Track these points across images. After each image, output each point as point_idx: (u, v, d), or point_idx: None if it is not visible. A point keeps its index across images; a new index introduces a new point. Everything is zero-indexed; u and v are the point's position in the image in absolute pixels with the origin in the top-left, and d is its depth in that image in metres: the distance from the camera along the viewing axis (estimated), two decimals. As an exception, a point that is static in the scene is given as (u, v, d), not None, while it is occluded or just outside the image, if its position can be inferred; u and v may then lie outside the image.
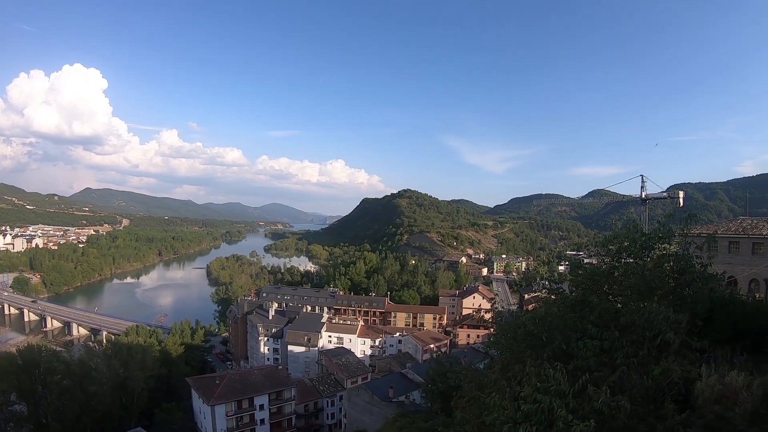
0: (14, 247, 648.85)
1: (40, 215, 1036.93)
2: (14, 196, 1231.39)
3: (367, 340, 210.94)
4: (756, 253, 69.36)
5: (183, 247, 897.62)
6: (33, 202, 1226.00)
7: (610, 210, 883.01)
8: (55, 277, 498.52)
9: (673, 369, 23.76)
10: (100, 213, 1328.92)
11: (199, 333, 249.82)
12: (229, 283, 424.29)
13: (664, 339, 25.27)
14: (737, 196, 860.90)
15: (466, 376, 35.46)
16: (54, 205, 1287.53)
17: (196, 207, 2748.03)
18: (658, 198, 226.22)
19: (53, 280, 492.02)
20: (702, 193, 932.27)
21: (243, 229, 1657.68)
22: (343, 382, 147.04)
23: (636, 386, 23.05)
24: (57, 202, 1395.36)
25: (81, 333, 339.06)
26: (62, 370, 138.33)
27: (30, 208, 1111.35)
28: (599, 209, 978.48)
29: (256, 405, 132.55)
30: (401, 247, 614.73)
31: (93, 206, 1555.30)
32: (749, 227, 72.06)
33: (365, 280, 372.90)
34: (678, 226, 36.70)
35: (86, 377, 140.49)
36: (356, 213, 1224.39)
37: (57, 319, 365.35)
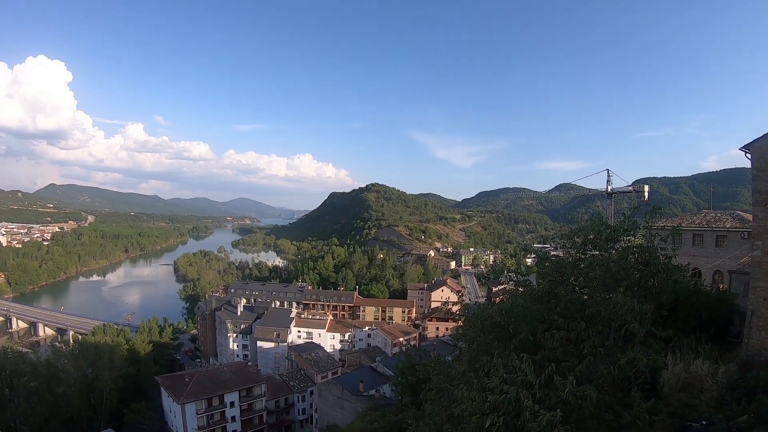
0: None
1: (3, 212, 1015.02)
2: None
3: (337, 335, 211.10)
4: (719, 246, 70.63)
5: (150, 244, 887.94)
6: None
7: (576, 204, 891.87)
8: (20, 276, 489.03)
9: (639, 358, 24.15)
10: (65, 209, 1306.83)
11: (167, 331, 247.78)
12: (196, 280, 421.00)
13: (629, 329, 25.57)
14: (701, 191, 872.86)
15: (435, 368, 35.61)
16: (17, 202, 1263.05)
17: (163, 203, 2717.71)
18: (623, 192, 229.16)
19: (18, 280, 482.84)
20: (667, 187, 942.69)
21: (210, 224, 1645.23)
22: (313, 377, 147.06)
23: (602, 376, 23.33)
24: (20, 198, 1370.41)
25: (47, 333, 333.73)
26: (29, 372, 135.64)
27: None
28: (566, 203, 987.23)
29: (227, 402, 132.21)
30: (369, 241, 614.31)
31: (58, 202, 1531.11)
32: (713, 220, 73.34)
33: (334, 275, 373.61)
34: (643, 219, 37.19)
35: (53, 378, 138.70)
36: (324, 207, 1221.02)
37: (22, 320, 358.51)
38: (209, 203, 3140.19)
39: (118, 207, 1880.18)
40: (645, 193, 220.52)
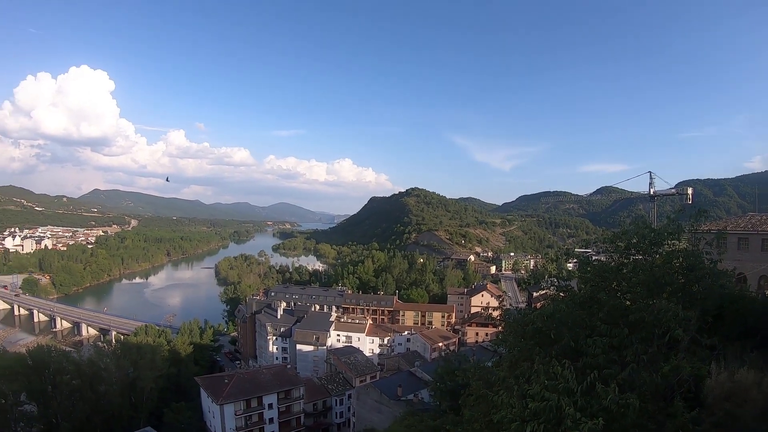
0: (23, 248, 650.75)
1: (49, 217, 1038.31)
2: (23, 198, 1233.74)
3: (376, 339, 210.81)
4: (765, 250, 68.88)
5: (191, 247, 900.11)
6: (42, 204, 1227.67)
7: (618, 207, 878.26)
8: (65, 277, 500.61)
9: (682, 366, 23.55)
10: (109, 214, 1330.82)
11: (207, 332, 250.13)
12: (237, 283, 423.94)
13: (673, 336, 25.03)
14: (746, 192, 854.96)
15: (475, 374, 35.24)
16: (63, 207, 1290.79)
17: (204, 207, 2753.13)
18: (666, 195, 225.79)
19: (62, 281, 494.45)
20: (711, 189, 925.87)
21: (251, 228, 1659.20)
22: (351, 381, 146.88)
23: (645, 384, 22.84)
24: (66, 203, 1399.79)
25: (90, 333, 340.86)
26: (72, 371, 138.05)
27: (39, 210, 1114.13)
28: (607, 206, 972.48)
29: (265, 404, 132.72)
30: (409, 246, 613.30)
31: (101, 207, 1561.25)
32: (758, 223, 71.58)
33: (374, 279, 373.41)
34: (687, 222, 36.42)
35: (96, 377, 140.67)
36: (364, 212, 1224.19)
37: (66, 320, 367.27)
38: (250, 208, 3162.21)
39: (160, 211, 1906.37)
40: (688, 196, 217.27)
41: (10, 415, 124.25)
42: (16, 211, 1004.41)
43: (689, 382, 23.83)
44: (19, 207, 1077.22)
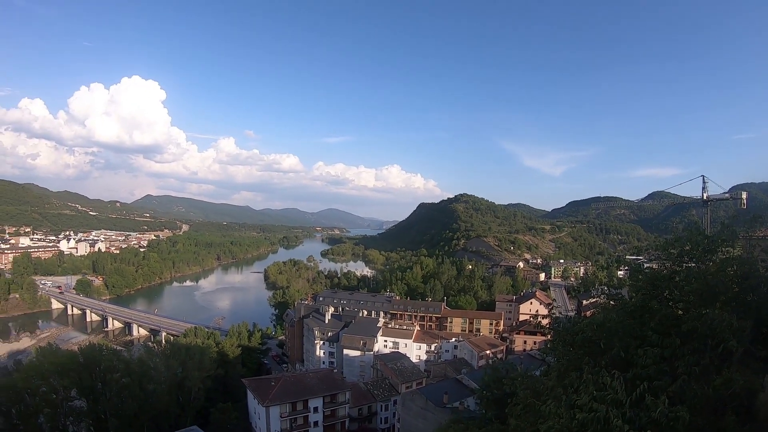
0: (78, 251, 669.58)
1: (103, 221, 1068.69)
2: (78, 203, 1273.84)
3: (423, 345, 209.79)
4: (825, 258, 66.65)
5: (241, 252, 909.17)
6: (96, 209, 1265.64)
7: (670, 212, 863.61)
8: (117, 279, 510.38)
9: (735, 379, 22.92)
10: (161, 219, 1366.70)
11: (256, 335, 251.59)
12: (286, 287, 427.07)
13: (726, 347, 24.34)
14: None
15: (522, 383, 34.87)
16: (116, 212, 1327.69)
17: (254, 213, 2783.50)
18: (720, 199, 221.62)
19: (115, 283, 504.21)
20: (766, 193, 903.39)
21: (300, 234, 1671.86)
22: (397, 387, 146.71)
23: (696, 396, 22.28)
24: (119, 208, 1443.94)
25: (141, 333, 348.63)
26: (122, 369, 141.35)
27: (93, 214, 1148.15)
28: (659, 212, 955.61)
29: (311, 407, 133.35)
30: (458, 252, 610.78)
31: (153, 212, 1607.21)
32: (818, 230, 69.33)
33: (422, 285, 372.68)
34: (742, 228, 35.52)
35: (145, 376, 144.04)
36: (413, 218, 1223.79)
37: (118, 320, 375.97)
38: (299, 213, 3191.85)
39: (211, 217, 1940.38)
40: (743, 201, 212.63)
41: (60, 409, 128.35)
42: (71, 216, 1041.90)
43: (742, 395, 23.18)
44: (74, 211, 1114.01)
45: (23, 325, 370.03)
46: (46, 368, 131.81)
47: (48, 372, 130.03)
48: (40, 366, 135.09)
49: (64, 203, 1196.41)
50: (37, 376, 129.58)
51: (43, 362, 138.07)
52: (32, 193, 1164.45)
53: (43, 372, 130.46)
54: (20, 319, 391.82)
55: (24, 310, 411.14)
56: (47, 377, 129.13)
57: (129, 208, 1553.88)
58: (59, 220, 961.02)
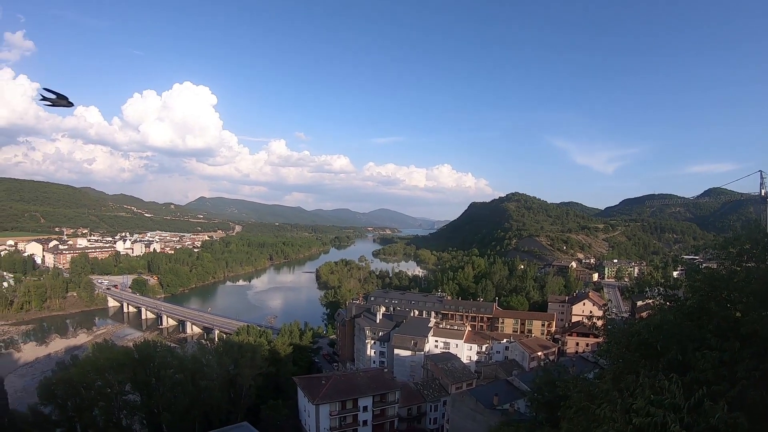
0: (134, 251, 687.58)
1: (158, 222, 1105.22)
2: (133, 206, 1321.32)
3: (474, 346, 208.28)
4: None
5: (293, 252, 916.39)
6: (151, 211, 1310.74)
7: (727, 210, 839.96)
8: (171, 279, 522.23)
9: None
10: (214, 220, 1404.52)
11: (307, 334, 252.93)
12: (337, 287, 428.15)
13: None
14: None
15: (575, 385, 34.11)
16: (170, 213, 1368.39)
17: (306, 213, 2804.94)
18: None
19: (169, 282, 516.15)
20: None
21: (352, 234, 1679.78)
22: (447, 388, 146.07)
23: (756, 402, 21.44)
24: (173, 210, 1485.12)
25: (194, 331, 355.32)
26: (175, 365, 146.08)
27: (148, 216, 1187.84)
28: (716, 209, 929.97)
29: (360, 406, 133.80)
30: (510, 252, 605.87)
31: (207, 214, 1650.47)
32: None
33: (473, 285, 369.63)
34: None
35: (198, 372, 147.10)
36: (464, 217, 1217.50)
37: (172, 318, 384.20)
38: (350, 214, 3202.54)
39: (263, 218, 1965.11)
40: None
41: (114, 403, 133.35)
42: (127, 218, 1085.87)
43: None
44: (130, 213, 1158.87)
45: (80, 322, 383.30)
46: (101, 363, 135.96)
47: (103, 367, 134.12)
48: (96, 361, 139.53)
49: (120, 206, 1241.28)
50: (93, 370, 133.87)
51: (99, 357, 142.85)
52: (89, 197, 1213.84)
53: (99, 367, 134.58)
54: (78, 316, 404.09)
55: (81, 307, 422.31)
56: (103, 372, 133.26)
57: (183, 210, 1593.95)
58: (115, 222, 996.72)
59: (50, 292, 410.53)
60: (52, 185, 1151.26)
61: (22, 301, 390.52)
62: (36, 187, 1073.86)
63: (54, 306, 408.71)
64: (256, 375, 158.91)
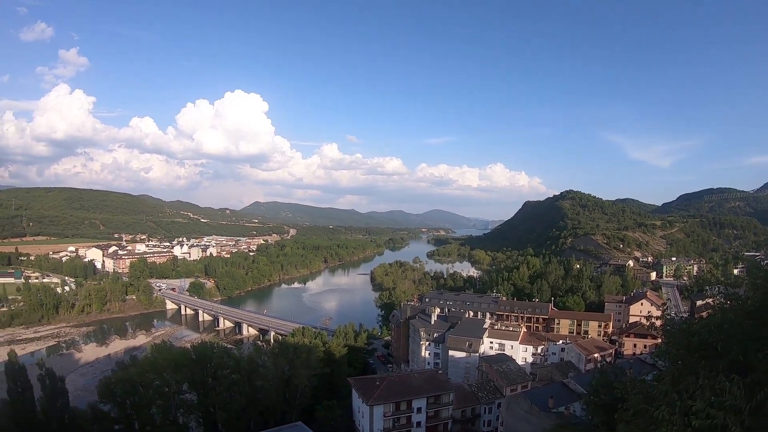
0: (191, 255, 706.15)
1: (214, 227, 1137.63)
2: (190, 211, 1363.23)
3: (529, 348, 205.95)
4: None
5: (347, 255, 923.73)
6: (207, 216, 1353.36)
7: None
8: (228, 282, 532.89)
9: None
10: (269, 224, 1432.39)
11: (362, 336, 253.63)
12: (392, 289, 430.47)
13: None
14: None
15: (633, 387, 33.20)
16: (226, 218, 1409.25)
17: (360, 216, 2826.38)
18: None
19: (226, 285, 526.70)
20: None
21: (405, 236, 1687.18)
22: (502, 390, 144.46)
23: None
24: (228, 215, 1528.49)
25: (250, 333, 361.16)
26: (232, 366, 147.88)
27: (204, 221, 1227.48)
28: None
29: (414, 407, 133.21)
30: (565, 251, 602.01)
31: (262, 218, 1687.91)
32: None
33: (528, 286, 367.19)
34: None
35: (253, 373, 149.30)
36: (518, 216, 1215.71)
37: (229, 320, 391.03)
38: (404, 215, 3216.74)
39: (317, 221, 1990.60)
40: None
41: (171, 402, 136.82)
42: (184, 223, 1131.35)
43: None
44: (186, 219, 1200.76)
45: (139, 324, 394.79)
46: (159, 363, 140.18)
47: (162, 367, 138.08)
48: (155, 361, 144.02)
49: (176, 212, 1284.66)
50: (151, 370, 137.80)
51: (157, 358, 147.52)
52: (147, 204, 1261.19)
53: (157, 367, 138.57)
54: (137, 318, 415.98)
55: (140, 310, 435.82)
56: (161, 372, 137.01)
57: (238, 215, 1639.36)
58: (172, 228, 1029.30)
59: (110, 296, 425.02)
60: (110, 194, 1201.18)
61: (83, 304, 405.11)
62: (95, 195, 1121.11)
63: (114, 309, 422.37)
64: (312, 376, 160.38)
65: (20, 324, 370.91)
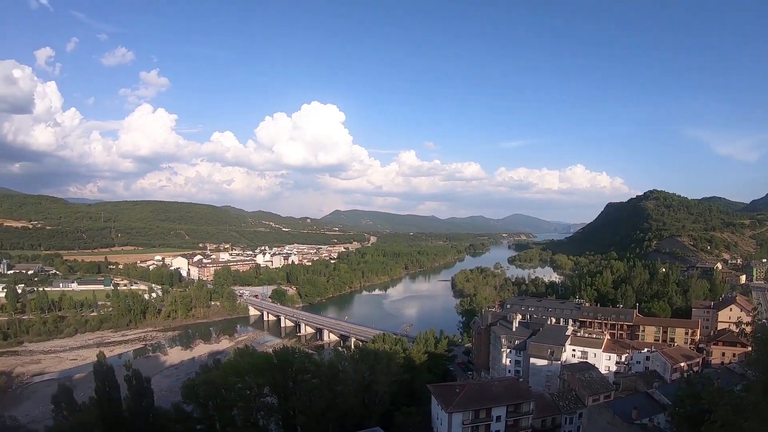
0: (273, 263, 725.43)
1: (295, 236, 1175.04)
2: (271, 221, 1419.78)
3: (613, 356, 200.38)
4: None
5: (428, 261, 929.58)
6: (288, 225, 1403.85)
7: None
8: (309, 289, 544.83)
9: None
10: (349, 232, 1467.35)
11: (442, 343, 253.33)
12: (473, 295, 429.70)
13: None
14: None
15: (721, 398, 31.80)
16: (307, 227, 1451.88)
17: (440, 222, 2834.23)
18: None
19: (307, 292, 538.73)
20: None
21: (486, 241, 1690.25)
22: (584, 399, 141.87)
23: None
24: (309, 224, 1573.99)
25: (331, 339, 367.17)
26: (312, 370, 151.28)
27: (286, 230, 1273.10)
28: None
29: (493, 416, 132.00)
30: (650, 254, 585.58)
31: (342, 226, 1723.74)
32: None
33: (612, 291, 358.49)
34: None
35: (334, 378, 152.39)
36: (600, 219, 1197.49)
37: (310, 326, 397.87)
38: (484, 221, 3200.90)
39: (397, 228, 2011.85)
40: None
41: (252, 404, 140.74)
42: (266, 233, 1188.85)
43: None
44: (268, 229, 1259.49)
45: (223, 329, 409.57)
46: (242, 367, 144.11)
47: (244, 370, 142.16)
48: (237, 365, 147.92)
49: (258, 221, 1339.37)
50: (233, 373, 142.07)
51: (240, 362, 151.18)
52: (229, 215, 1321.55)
53: (240, 370, 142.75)
54: (220, 324, 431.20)
55: (224, 315, 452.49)
56: (243, 375, 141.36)
57: (319, 224, 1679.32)
58: (255, 237, 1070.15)
59: (195, 302, 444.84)
60: (194, 205, 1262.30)
61: (169, 310, 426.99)
62: (180, 207, 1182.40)
63: (198, 314, 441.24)
64: (391, 382, 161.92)
65: (109, 328, 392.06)
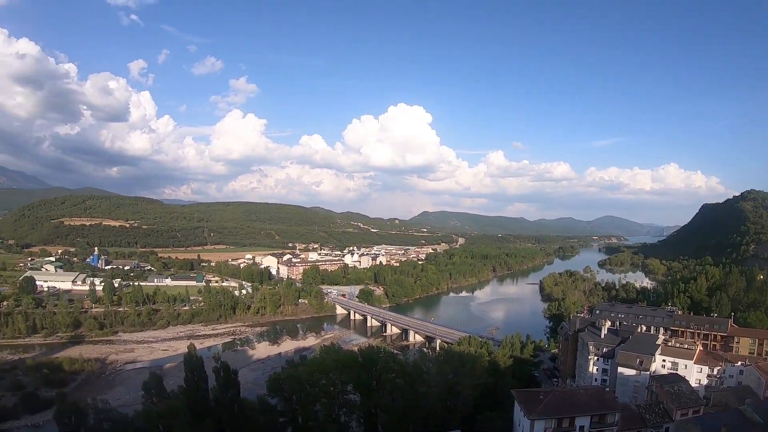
0: (361, 264, 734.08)
1: (383, 237, 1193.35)
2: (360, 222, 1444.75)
3: (704, 368, 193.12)
4: None
5: (516, 263, 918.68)
6: (376, 226, 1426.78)
7: None
8: (396, 289, 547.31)
9: None
10: (437, 233, 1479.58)
11: (528, 347, 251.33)
12: (561, 299, 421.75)
13: None
14: None
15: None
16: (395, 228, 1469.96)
17: (528, 224, 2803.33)
18: None
19: (394, 293, 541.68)
20: None
21: (576, 244, 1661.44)
22: (671, 413, 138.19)
23: None
24: (397, 225, 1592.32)
25: (416, 339, 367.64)
26: (396, 370, 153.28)
27: (374, 231, 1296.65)
28: None
29: (577, 425, 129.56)
30: (748, 259, 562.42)
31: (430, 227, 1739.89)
32: None
33: (707, 299, 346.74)
34: None
35: (417, 379, 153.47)
36: (695, 221, 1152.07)
37: (396, 326, 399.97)
38: (574, 222, 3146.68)
39: (485, 229, 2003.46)
40: None
41: (335, 401, 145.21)
42: (354, 233, 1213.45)
43: None
44: (356, 229, 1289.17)
45: (310, 327, 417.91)
46: (327, 364, 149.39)
47: (329, 367, 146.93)
48: (322, 362, 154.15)
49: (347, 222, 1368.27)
50: (318, 370, 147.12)
51: (325, 359, 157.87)
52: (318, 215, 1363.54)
53: (325, 367, 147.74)
54: (307, 321, 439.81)
55: (311, 314, 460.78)
56: (327, 372, 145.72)
57: (407, 225, 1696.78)
58: (343, 237, 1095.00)
59: (284, 299, 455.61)
60: (284, 206, 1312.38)
61: (259, 306, 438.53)
62: (270, 208, 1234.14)
63: (286, 311, 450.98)
64: (475, 385, 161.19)
65: (200, 321, 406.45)
